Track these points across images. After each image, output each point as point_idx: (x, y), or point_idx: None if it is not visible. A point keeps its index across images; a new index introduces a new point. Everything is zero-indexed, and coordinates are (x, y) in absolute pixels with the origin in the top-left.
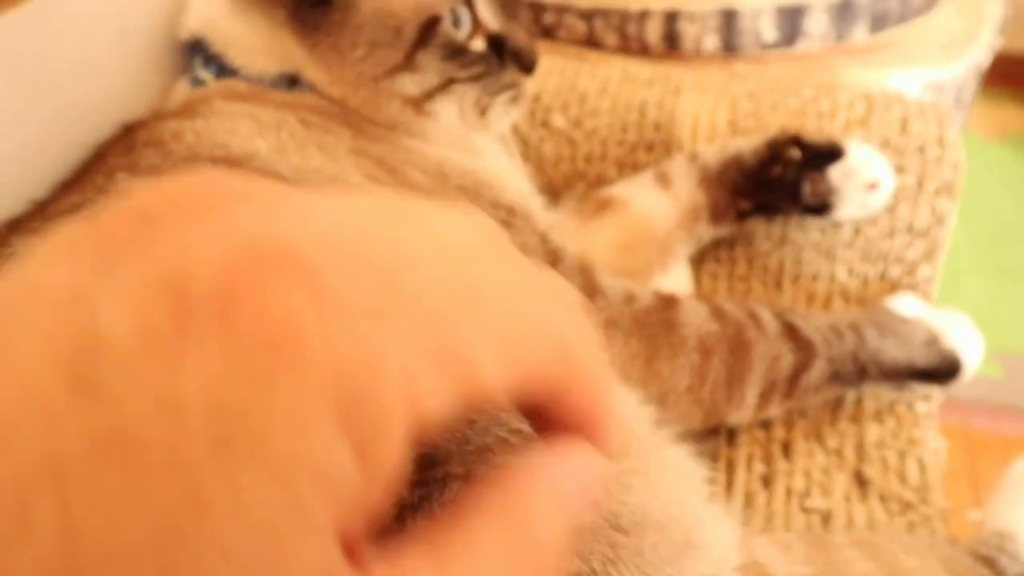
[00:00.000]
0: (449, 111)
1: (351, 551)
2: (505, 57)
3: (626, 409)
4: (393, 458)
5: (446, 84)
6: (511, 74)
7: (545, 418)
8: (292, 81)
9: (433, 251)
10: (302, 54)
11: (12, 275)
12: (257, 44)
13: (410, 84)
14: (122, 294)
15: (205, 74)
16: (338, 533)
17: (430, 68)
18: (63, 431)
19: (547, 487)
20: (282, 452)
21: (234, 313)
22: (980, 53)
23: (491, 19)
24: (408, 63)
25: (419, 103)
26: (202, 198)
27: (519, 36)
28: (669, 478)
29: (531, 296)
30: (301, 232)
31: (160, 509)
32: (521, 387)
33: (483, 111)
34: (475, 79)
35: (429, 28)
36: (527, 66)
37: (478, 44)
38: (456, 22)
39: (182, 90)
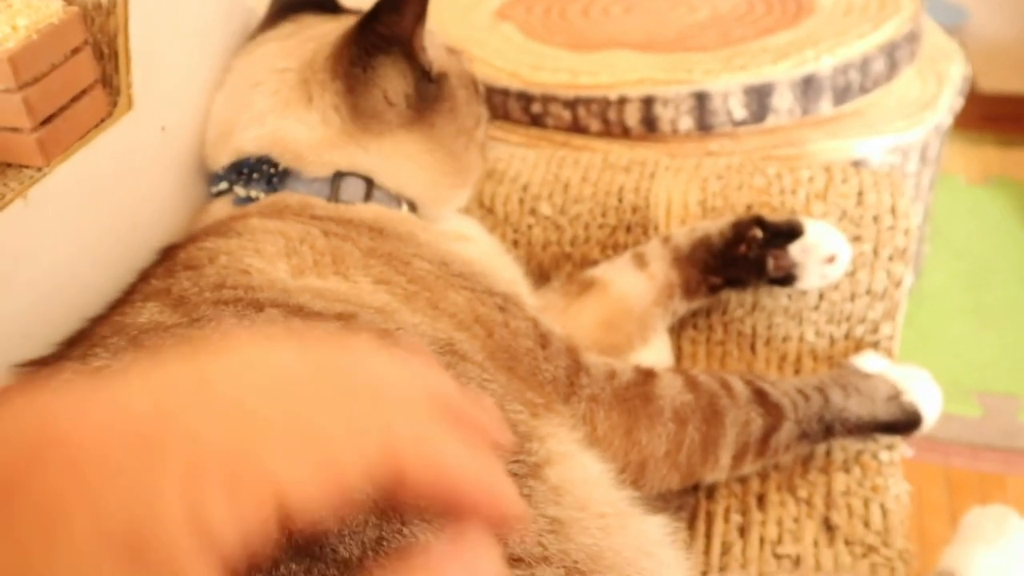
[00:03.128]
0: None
1: None
2: None
3: (591, 472)
4: None
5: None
6: None
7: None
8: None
9: (236, 398)
10: (393, 145)
11: None
12: (328, 152)
13: (481, 131)
14: None
15: (255, 191)
16: None
17: (483, 115)
18: None
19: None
20: None
21: (8, 503)
22: (942, 114)
23: None
24: (481, 112)
25: (483, 147)
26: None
27: None
28: (629, 529)
29: (348, 413)
30: (77, 419)
31: None
32: (360, 490)
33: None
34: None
35: (475, 83)
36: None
37: (482, 87)
38: None
39: (223, 209)
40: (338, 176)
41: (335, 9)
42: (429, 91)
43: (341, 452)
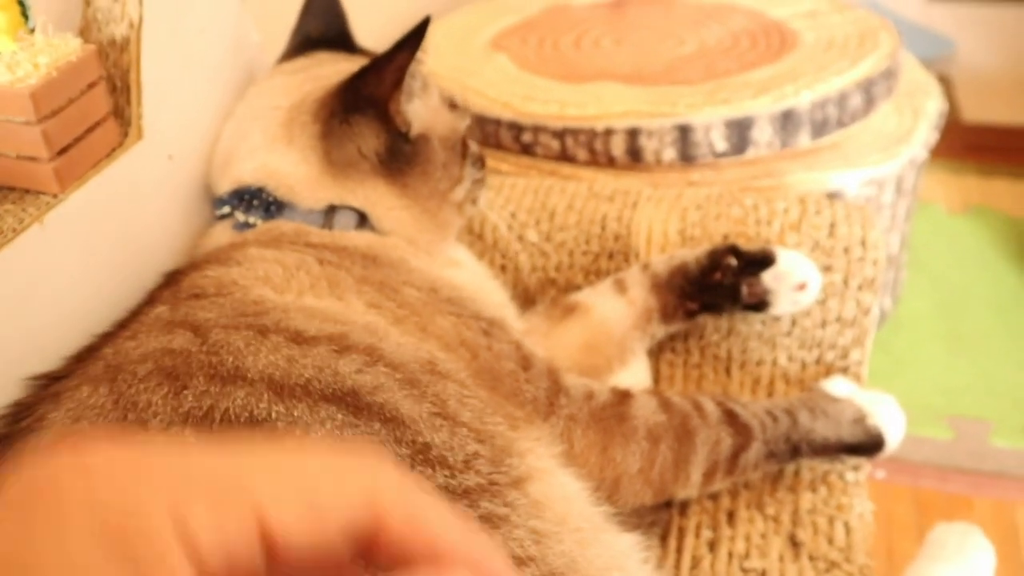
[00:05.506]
0: (476, 208)
1: None
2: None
3: (569, 489)
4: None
5: (476, 186)
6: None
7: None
8: (334, 214)
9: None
10: (375, 194)
11: None
12: (317, 188)
13: (459, 191)
14: None
15: (253, 218)
16: None
17: (468, 176)
18: None
19: None
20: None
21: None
22: (916, 148)
23: None
24: (460, 175)
25: (460, 206)
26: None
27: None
28: (601, 542)
29: (332, 461)
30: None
31: None
32: (341, 530)
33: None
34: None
35: (464, 144)
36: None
37: (474, 148)
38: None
39: (223, 234)
40: (331, 209)
41: (351, 47)
42: (403, 151)
43: (323, 488)
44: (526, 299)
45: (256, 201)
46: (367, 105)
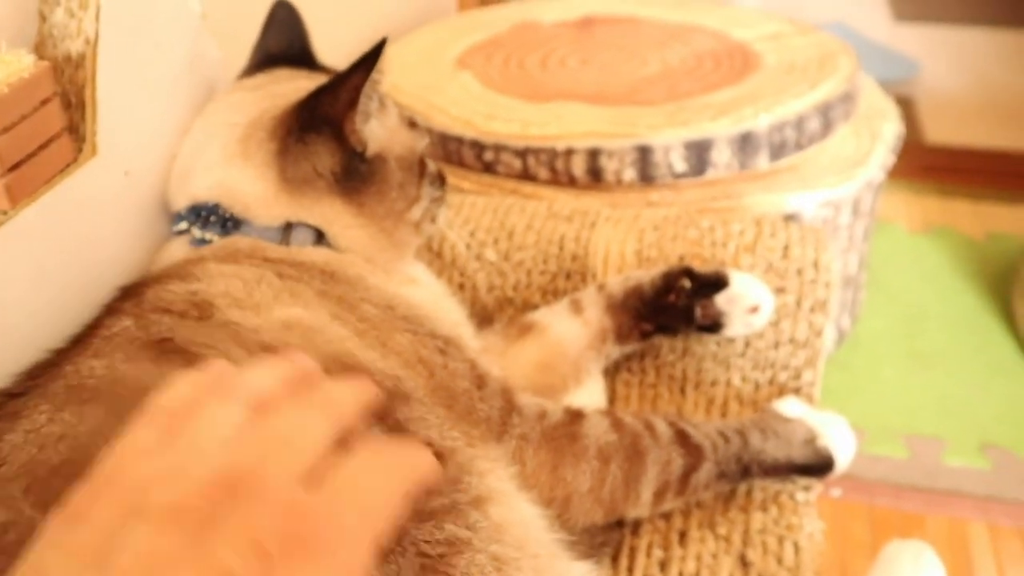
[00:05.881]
0: (435, 226)
1: None
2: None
3: (526, 514)
4: None
5: (435, 205)
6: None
7: None
8: (291, 231)
9: None
10: (332, 212)
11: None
12: (273, 206)
13: (416, 211)
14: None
15: (210, 234)
16: None
17: (426, 195)
18: None
19: None
20: None
21: None
22: (873, 171)
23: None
24: (418, 194)
25: (418, 225)
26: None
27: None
28: (556, 570)
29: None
30: None
31: None
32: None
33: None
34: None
35: (422, 164)
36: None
37: (432, 167)
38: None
39: (179, 249)
40: (288, 226)
41: (312, 65)
42: (359, 171)
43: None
44: (483, 318)
45: (213, 217)
46: (322, 124)
